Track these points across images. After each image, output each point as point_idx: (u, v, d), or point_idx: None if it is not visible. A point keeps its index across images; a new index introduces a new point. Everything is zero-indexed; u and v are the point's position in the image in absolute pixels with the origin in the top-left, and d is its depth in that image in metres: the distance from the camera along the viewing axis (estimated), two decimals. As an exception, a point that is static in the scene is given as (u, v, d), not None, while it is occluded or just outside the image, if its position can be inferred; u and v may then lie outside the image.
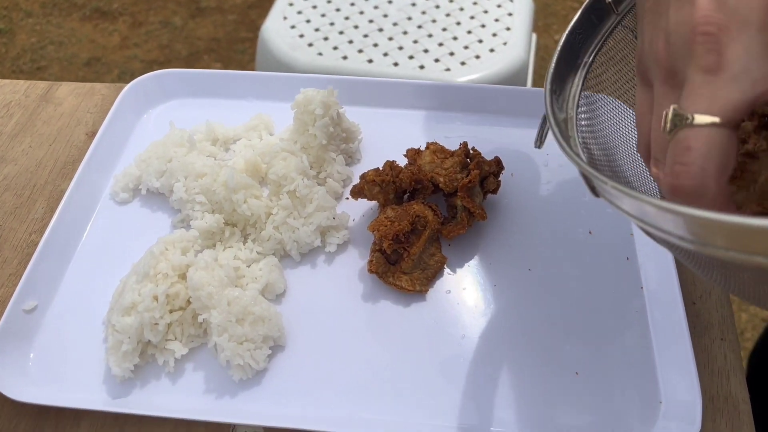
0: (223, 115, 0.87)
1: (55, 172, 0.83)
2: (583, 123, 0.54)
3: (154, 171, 0.78)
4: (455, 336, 0.67)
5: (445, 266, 0.72)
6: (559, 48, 0.54)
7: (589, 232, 0.74)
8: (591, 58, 0.56)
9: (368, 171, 0.73)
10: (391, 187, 0.72)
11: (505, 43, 1.33)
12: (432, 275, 0.71)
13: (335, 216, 0.74)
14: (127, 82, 0.88)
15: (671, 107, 0.37)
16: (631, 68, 0.57)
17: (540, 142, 0.61)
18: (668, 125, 0.37)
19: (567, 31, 0.55)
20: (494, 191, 0.74)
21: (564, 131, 0.51)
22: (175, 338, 0.66)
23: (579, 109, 0.54)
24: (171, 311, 0.66)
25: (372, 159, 0.83)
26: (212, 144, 0.83)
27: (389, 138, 0.84)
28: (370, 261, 0.69)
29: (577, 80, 0.55)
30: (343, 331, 0.68)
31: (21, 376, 0.65)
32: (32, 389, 0.64)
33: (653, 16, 0.42)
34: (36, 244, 0.74)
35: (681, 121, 0.36)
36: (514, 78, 1.30)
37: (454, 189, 0.72)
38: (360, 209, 0.78)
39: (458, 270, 0.72)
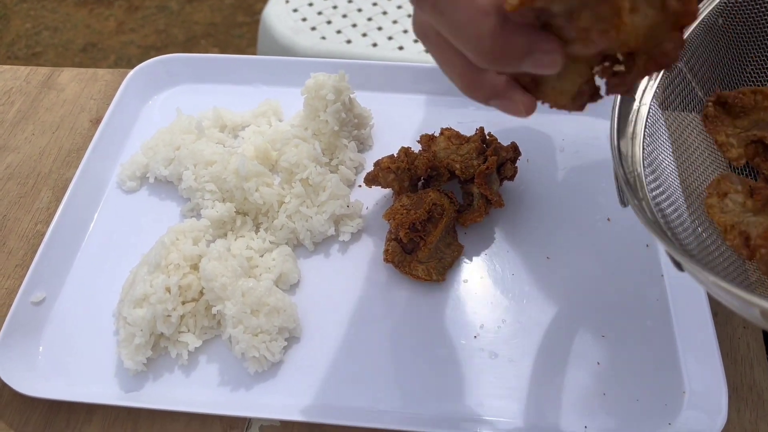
0: (230, 100, 0.85)
1: (59, 161, 0.81)
2: (650, 178, 0.54)
3: (161, 159, 0.76)
4: (474, 326, 0.66)
5: (462, 255, 0.71)
6: (618, 99, 0.54)
7: (608, 219, 0.73)
8: (649, 99, 0.56)
9: (382, 158, 0.71)
10: (406, 174, 0.70)
11: (511, 27, 1.31)
12: (449, 264, 0.69)
13: (349, 204, 0.72)
14: (124, 68, 0.86)
15: None
16: (690, 103, 0.58)
17: (624, 202, 0.58)
18: None
19: None
20: (511, 178, 0.73)
21: (636, 194, 0.51)
22: (188, 330, 0.64)
23: (645, 163, 0.54)
24: (183, 303, 0.64)
25: (384, 145, 0.81)
26: (220, 131, 0.81)
27: (401, 124, 0.82)
28: (386, 250, 0.68)
29: (639, 126, 0.55)
30: (359, 321, 0.67)
31: (30, 370, 0.63)
32: (42, 383, 0.63)
33: None
34: (42, 235, 0.73)
35: None
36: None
37: (471, 176, 0.71)
38: (373, 197, 0.76)
39: (475, 259, 0.71)
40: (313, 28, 1.32)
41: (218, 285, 0.62)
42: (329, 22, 1.33)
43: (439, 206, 0.68)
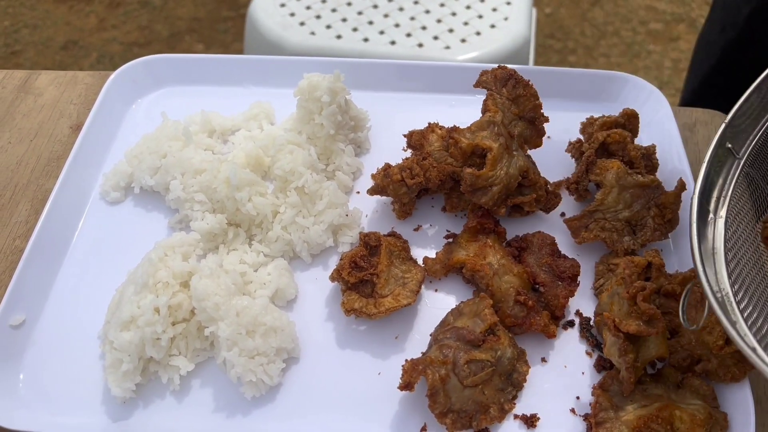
0: (218, 103, 0.81)
1: (38, 171, 0.77)
2: (739, 296, 0.51)
3: (147, 167, 0.71)
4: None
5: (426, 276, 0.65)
6: (694, 211, 0.53)
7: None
8: (725, 211, 0.55)
9: (392, 168, 0.66)
10: (417, 186, 0.66)
11: (506, 18, 1.27)
12: (415, 288, 0.63)
13: (348, 213, 0.68)
14: (107, 66, 0.82)
15: None
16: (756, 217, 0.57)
17: (685, 320, 0.55)
18: None
19: (698, 193, 0.53)
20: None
21: (728, 315, 0.48)
22: (180, 353, 0.60)
23: (731, 280, 0.51)
24: (174, 324, 0.60)
25: (382, 148, 0.77)
26: (209, 136, 0.77)
27: (399, 124, 0.78)
28: (342, 303, 0.62)
29: (719, 242, 0.53)
30: (362, 337, 0.63)
31: (10, 399, 0.59)
32: (23, 413, 0.58)
33: None
34: (21, 251, 0.68)
35: None
36: (516, 55, 1.24)
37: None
38: (371, 204, 0.72)
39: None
40: (302, 23, 1.28)
41: (211, 305, 0.58)
42: (318, 17, 1.29)
43: (373, 236, 0.65)
